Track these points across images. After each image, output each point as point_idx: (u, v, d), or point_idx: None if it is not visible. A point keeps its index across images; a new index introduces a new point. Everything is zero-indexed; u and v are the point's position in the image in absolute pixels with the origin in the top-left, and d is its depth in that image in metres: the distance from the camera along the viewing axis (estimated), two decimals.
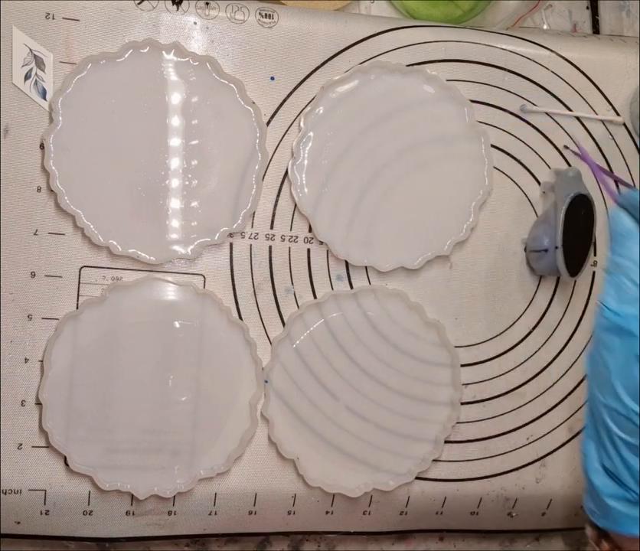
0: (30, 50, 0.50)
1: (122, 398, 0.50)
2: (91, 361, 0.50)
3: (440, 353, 0.54)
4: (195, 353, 0.51)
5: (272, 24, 0.53)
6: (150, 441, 0.51)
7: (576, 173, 0.53)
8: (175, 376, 0.51)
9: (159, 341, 0.50)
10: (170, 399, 0.51)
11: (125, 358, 0.50)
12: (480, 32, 0.56)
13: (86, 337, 0.50)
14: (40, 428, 0.49)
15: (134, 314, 0.50)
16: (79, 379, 0.50)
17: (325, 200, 0.53)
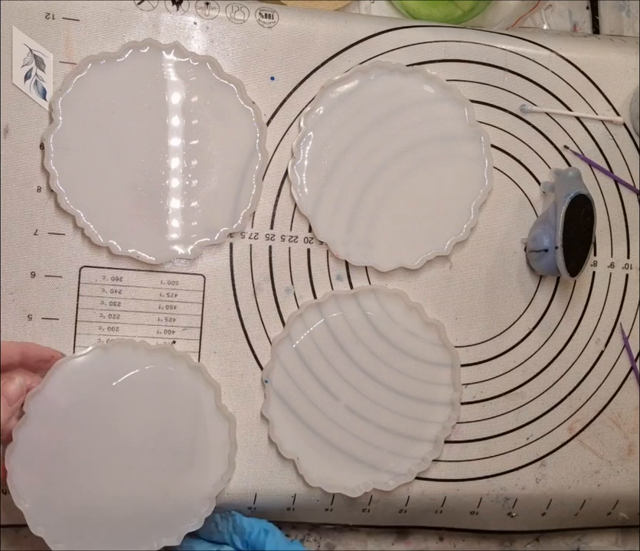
0: (30, 50, 0.50)
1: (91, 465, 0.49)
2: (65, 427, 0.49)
3: (440, 353, 0.54)
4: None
5: (272, 24, 0.53)
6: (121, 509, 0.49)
7: (576, 173, 0.53)
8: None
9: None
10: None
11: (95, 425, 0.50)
12: (480, 32, 0.56)
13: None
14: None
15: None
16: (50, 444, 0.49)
17: (325, 200, 0.53)
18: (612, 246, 0.57)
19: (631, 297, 0.57)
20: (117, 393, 0.49)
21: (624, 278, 0.57)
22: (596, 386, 0.56)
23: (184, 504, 0.50)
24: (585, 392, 0.56)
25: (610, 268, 0.57)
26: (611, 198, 0.57)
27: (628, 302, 0.57)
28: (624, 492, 0.57)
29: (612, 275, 0.57)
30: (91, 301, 0.51)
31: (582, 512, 0.58)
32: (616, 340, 0.57)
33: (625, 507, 0.58)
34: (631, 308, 0.57)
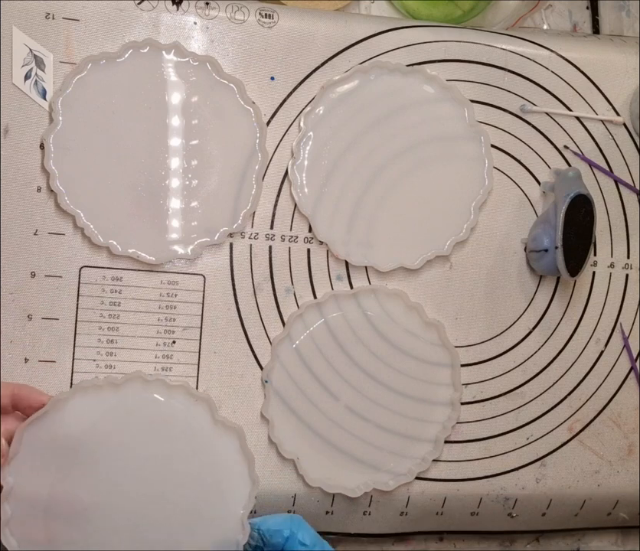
0: (30, 50, 0.50)
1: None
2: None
3: (440, 353, 0.54)
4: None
5: (272, 24, 0.53)
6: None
7: (576, 173, 0.53)
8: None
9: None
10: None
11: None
12: (480, 32, 0.56)
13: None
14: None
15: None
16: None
17: (325, 200, 0.53)
18: (612, 246, 0.57)
19: (631, 297, 0.57)
20: (128, 433, 0.47)
21: (624, 278, 0.57)
22: (596, 386, 0.56)
23: (218, 537, 0.48)
24: (585, 392, 0.56)
25: (610, 269, 0.57)
26: (611, 198, 0.57)
27: (628, 302, 0.57)
28: (624, 492, 0.57)
29: (612, 275, 0.57)
30: (91, 301, 0.51)
31: (582, 512, 0.58)
32: (616, 340, 0.57)
33: (625, 507, 0.58)
34: (631, 308, 0.57)
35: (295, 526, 0.47)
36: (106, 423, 0.47)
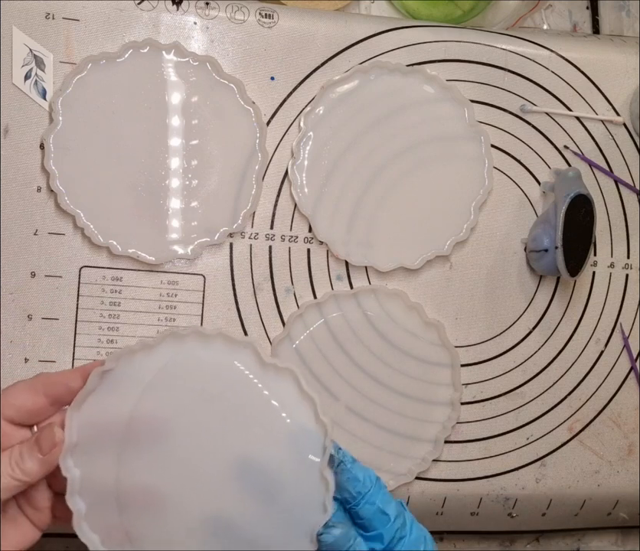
0: (30, 50, 0.50)
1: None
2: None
3: (440, 353, 0.54)
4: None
5: (272, 24, 0.53)
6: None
7: (576, 173, 0.53)
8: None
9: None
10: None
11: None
12: (480, 32, 0.56)
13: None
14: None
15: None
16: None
17: (325, 200, 0.53)
18: (612, 246, 0.57)
19: (631, 297, 0.57)
20: (177, 400, 0.41)
21: (624, 278, 0.57)
22: (596, 386, 0.56)
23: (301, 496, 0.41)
24: (585, 392, 0.56)
25: (610, 269, 0.57)
26: (611, 198, 0.57)
27: (628, 302, 0.57)
28: (624, 492, 0.57)
29: (612, 275, 0.57)
30: (91, 301, 0.51)
31: (582, 512, 0.58)
32: (616, 340, 0.57)
33: (625, 507, 0.58)
34: (631, 308, 0.57)
35: (376, 488, 0.41)
36: (152, 395, 0.41)
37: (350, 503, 0.41)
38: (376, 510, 0.41)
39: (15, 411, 0.39)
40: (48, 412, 0.40)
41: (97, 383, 0.41)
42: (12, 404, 0.39)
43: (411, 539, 0.42)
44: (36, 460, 0.38)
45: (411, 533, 0.42)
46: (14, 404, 0.39)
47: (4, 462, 0.38)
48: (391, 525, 0.41)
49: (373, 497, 0.41)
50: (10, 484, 0.38)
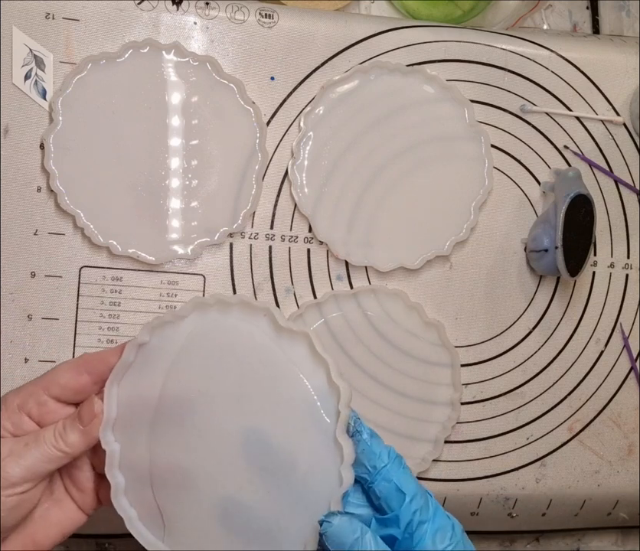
0: (30, 50, 0.50)
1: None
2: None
3: (440, 353, 0.54)
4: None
5: (272, 24, 0.53)
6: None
7: (576, 173, 0.53)
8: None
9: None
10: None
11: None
12: (480, 32, 0.56)
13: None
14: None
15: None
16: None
17: (325, 200, 0.53)
18: (612, 246, 0.57)
19: (631, 297, 0.57)
20: (206, 374, 0.40)
21: (624, 278, 0.57)
22: (596, 386, 0.56)
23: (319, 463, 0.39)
24: (585, 392, 0.56)
25: (610, 269, 0.57)
26: (611, 198, 0.57)
27: (628, 302, 0.57)
28: (624, 492, 0.57)
29: (612, 275, 0.57)
30: (91, 301, 0.51)
31: (582, 512, 0.58)
32: (616, 340, 0.57)
33: (625, 507, 0.58)
34: (631, 308, 0.57)
35: (394, 465, 0.38)
36: (178, 369, 0.41)
37: (366, 481, 0.38)
38: (392, 487, 0.38)
39: (60, 389, 0.41)
40: (92, 390, 0.42)
41: (133, 356, 0.41)
42: (57, 383, 0.41)
43: (434, 525, 0.38)
44: (77, 431, 0.40)
45: (434, 519, 0.38)
46: (59, 383, 0.41)
47: (49, 435, 0.40)
48: (407, 505, 0.38)
49: (390, 473, 0.38)
50: (54, 454, 0.39)
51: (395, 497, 0.38)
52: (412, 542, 0.38)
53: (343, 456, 0.38)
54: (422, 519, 0.38)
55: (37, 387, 0.41)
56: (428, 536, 0.38)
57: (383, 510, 0.38)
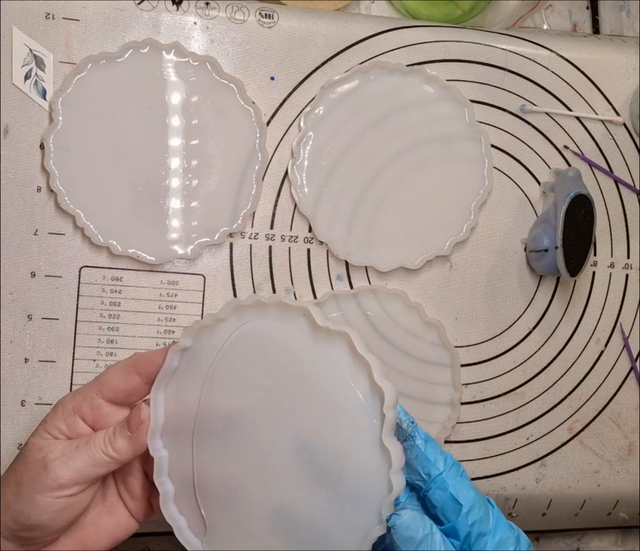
0: (30, 50, 0.50)
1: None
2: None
3: (440, 353, 0.54)
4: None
5: (272, 24, 0.53)
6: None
7: (576, 173, 0.54)
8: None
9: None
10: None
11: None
12: (480, 32, 0.56)
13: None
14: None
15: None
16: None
17: (325, 200, 0.53)
18: (612, 246, 0.57)
19: (631, 297, 0.57)
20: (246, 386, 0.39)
21: (624, 278, 0.57)
22: (596, 386, 0.56)
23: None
24: (585, 392, 0.56)
25: (610, 269, 0.57)
26: (611, 198, 0.57)
27: (628, 302, 0.57)
28: (624, 492, 0.57)
29: (612, 275, 0.57)
30: (91, 301, 0.51)
31: (582, 512, 0.58)
32: (616, 340, 0.57)
33: (625, 507, 0.58)
34: (631, 308, 0.57)
35: (451, 473, 0.37)
36: (218, 377, 0.40)
37: (421, 488, 0.36)
38: (448, 497, 0.36)
39: (113, 392, 0.41)
40: (144, 391, 0.42)
41: (177, 361, 0.41)
42: (109, 385, 0.41)
43: (495, 538, 0.36)
44: (125, 438, 0.40)
45: (495, 531, 0.36)
46: (111, 385, 0.41)
47: (99, 439, 0.40)
48: (464, 516, 0.36)
49: (446, 482, 0.36)
50: (102, 459, 0.39)
51: (451, 508, 0.36)
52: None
53: (391, 461, 0.36)
54: (482, 531, 0.36)
55: (91, 390, 0.41)
56: (490, 548, 0.36)
57: (439, 520, 0.36)
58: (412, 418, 0.37)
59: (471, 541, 0.36)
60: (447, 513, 0.36)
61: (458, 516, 0.36)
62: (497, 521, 0.37)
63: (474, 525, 0.36)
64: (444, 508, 0.36)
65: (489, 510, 0.37)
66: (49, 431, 0.41)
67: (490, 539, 0.36)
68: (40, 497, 0.38)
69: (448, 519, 0.36)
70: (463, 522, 0.36)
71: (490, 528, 0.36)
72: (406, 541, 0.34)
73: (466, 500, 0.36)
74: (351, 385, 0.37)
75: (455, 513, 0.36)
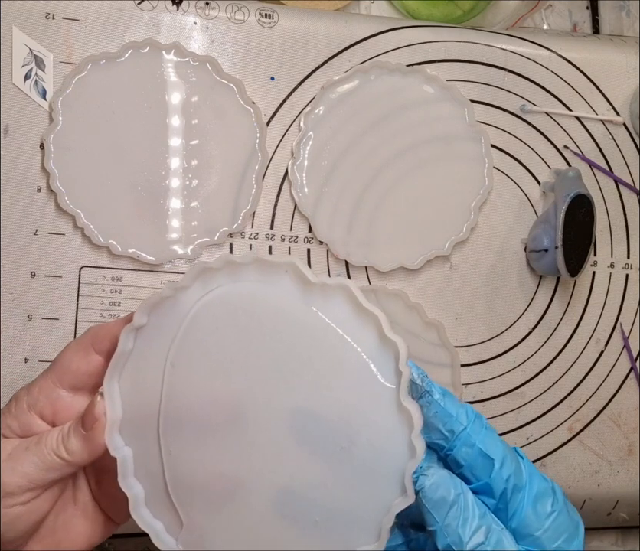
0: (30, 50, 0.50)
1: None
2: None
3: (440, 353, 0.54)
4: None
5: (272, 24, 0.53)
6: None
7: (576, 173, 0.53)
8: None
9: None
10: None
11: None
12: (480, 32, 0.56)
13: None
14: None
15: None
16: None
17: (325, 200, 0.53)
18: (612, 246, 0.57)
19: (631, 297, 0.57)
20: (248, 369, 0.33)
21: (624, 278, 0.57)
22: (596, 386, 0.56)
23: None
24: (585, 392, 0.56)
25: (610, 269, 0.57)
26: (611, 198, 0.57)
27: (628, 302, 0.57)
28: (624, 492, 0.57)
29: (612, 275, 0.57)
30: (91, 301, 0.51)
31: (582, 512, 0.57)
32: (616, 340, 0.57)
33: (625, 507, 0.58)
34: (631, 308, 0.57)
35: (475, 426, 0.33)
36: (185, 355, 0.34)
37: (443, 447, 0.32)
38: (477, 453, 0.32)
39: (73, 377, 0.35)
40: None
41: (131, 343, 0.34)
42: (67, 369, 0.35)
43: (532, 491, 0.32)
44: (80, 437, 0.34)
45: (531, 484, 0.33)
46: (69, 368, 0.35)
47: (52, 438, 0.34)
48: (498, 472, 0.32)
49: (472, 436, 0.32)
50: (54, 462, 0.33)
51: (482, 464, 0.32)
52: (507, 513, 0.32)
53: (412, 422, 0.32)
54: (518, 485, 0.32)
55: (47, 381, 0.35)
56: (527, 505, 0.32)
57: (467, 480, 0.32)
58: (424, 372, 0.32)
59: (508, 497, 0.32)
60: (476, 470, 0.32)
61: (490, 473, 0.32)
62: (530, 472, 0.33)
63: (509, 480, 0.32)
64: (473, 466, 0.32)
65: (520, 462, 0.33)
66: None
67: (527, 492, 0.33)
68: None
69: (478, 477, 0.32)
70: (498, 478, 0.32)
71: (525, 480, 0.33)
72: (437, 504, 0.31)
73: (497, 453, 0.32)
74: (354, 344, 0.33)
75: (487, 469, 0.32)
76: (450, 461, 0.33)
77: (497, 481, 0.32)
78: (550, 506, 0.33)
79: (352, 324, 0.33)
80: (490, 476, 0.32)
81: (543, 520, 0.32)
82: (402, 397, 0.32)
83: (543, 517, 0.32)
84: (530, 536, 0.32)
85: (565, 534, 0.34)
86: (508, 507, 0.32)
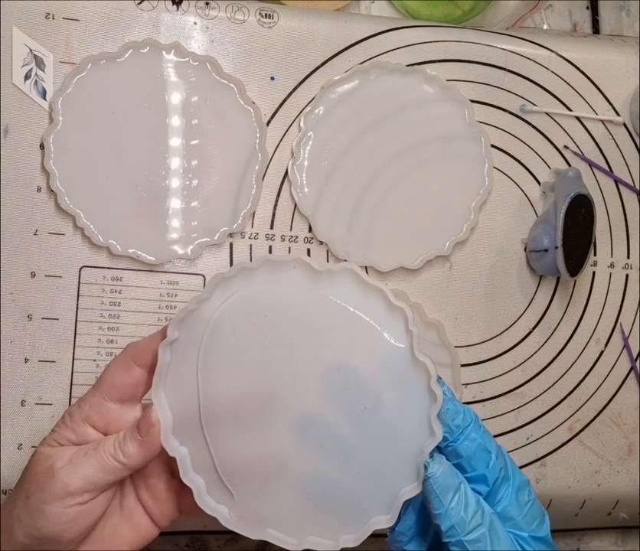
0: (30, 50, 0.50)
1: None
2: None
3: (440, 353, 0.54)
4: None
5: (272, 24, 0.53)
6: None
7: (576, 173, 0.54)
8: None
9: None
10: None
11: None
12: (480, 32, 0.56)
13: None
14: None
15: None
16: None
17: (325, 200, 0.53)
18: (612, 246, 0.57)
19: (631, 297, 0.57)
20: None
21: (624, 278, 0.57)
22: (596, 386, 0.56)
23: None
24: (585, 392, 0.56)
25: (610, 269, 0.57)
26: (611, 198, 0.57)
27: (628, 302, 0.57)
28: (624, 492, 0.57)
29: (612, 275, 0.57)
30: (91, 301, 0.51)
31: (582, 512, 0.58)
32: (616, 340, 0.57)
33: (625, 507, 0.58)
34: (631, 308, 0.57)
35: (476, 424, 0.38)
36: (215, 357, 0.39)
37: (446, 440, 0.37)
38: (477, 446, 0.37)
39: (118, 390, 0.39)
40: (149, 381, 0.39)
41: (169, 356, 0.39)
42: (112, 384, 0.39)
43: (515, 483, 0.38)
44: (136, 442, 0.38)
45: (514, 476, 0.38)
46: (113, 383, 0.39)
47: (109, 444, 0.38)
48: (494, 464, 0.37)
49: (474, 432, 0.37)
50: (112, 465, 0.38)
51: (481, 457, 0.37)
52: (494, 500, 0.38)
53: (428, 373, 0.36)
54: (506, 476, 0.38)
55: (96, 396, 0.39)
56: (511, 494, 0.38)
57: (464, 469, 0.37)
58: (438, 375, 0.37)
59: (497, 486, 0.37)
60: (475, 461, 0.37)
61: (488, 464, 0.37)
62: (512, 466, 0.39)
63: (501, 471, 0.37)
64: (472, 457, 0.37)
65: (505, 457, 0.39)
66: (57, 440, 0.39)
67: (511, 483, 0.38)
68: (49, 507, 0.37)
69: (475, 467, 0.37)
70: (493, 469, 0.37)
71: (509, 473, 0.38)
72: (444, 490, 0.36)
73: (493, 448, 0.38)
74: (365, 317, 0.37)
75: (485, 461, 0.37)
76: (449, 452, 0.38)
77: (493, 472, 0.37)
78: (527, 496, 0.38)
79: (360, 300, 0.37)
80: (487, 467, 0.37)
81: (523, 507, 0.38)
82: (415, 352, 0.36)
83: (523, 505, 0.38)
84: (512, 520, 0.38)
85: (537, 520, 0.39)
86: (497, 495, 0.38)
